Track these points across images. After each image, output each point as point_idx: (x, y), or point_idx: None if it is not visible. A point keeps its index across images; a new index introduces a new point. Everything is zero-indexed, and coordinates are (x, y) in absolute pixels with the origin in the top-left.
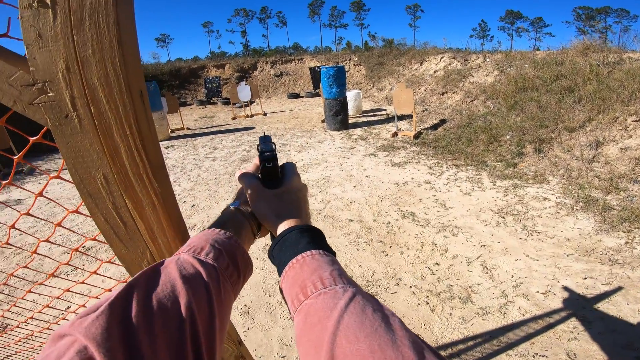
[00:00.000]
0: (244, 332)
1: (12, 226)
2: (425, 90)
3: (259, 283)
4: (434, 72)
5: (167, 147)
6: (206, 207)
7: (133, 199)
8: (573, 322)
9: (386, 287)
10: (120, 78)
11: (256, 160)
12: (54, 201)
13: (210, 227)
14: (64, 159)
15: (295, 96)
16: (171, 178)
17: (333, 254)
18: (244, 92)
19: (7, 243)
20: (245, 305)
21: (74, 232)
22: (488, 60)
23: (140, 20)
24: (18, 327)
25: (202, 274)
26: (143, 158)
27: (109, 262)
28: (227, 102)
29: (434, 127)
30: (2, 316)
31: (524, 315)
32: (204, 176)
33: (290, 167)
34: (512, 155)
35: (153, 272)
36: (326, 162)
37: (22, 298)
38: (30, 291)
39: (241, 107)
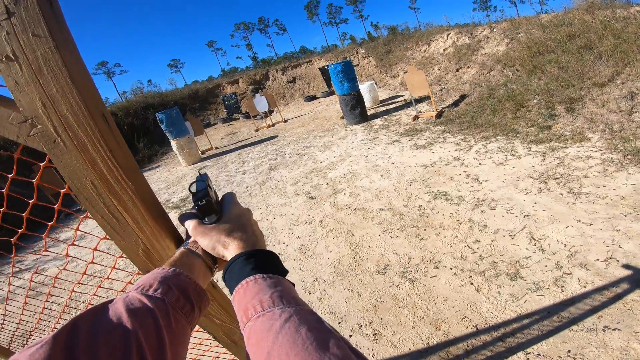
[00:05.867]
0: None
1: (95, 249)
2: (439, 69)
3: (299, 282)
4: (444, 50)
5: (200, 169)
6: None
7: (117, 198)
8: None
9: (425, 271)
10: (81, 107)
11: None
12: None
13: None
14: (62, 174)
15: (312, 98)
16: None
17: (283, 273)
18: (260, 103)
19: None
20: None
21: (100, 265)
22: (495, 30)
23: (150, 50)
24: None
25: (149, 307)
26: (115, 164)
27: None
28: (247, 116)
29: (455, 103)
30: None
31: (585, 287)
32: (237, 190)
33: (228, 197)
34: (544, 118)
35: (100, 308)
36: (350, 156)
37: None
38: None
39: (262, 118)
